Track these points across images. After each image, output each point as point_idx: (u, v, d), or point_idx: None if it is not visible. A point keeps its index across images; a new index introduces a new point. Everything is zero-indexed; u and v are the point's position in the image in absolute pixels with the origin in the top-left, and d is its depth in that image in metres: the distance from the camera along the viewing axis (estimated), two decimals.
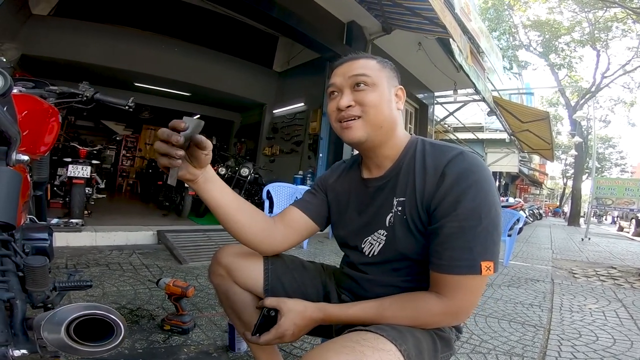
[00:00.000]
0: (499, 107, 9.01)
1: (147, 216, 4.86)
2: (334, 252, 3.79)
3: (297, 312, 0.81)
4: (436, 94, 8.92)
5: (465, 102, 10.34)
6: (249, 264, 0.96)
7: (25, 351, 0.57)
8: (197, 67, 6.69)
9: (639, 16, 10.88)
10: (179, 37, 6.42)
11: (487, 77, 8.34)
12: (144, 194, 7.59)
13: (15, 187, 0.73)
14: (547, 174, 31.19)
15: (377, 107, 0.80)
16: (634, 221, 12.55)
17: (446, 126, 12.10)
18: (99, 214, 4.21)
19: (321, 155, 5.89)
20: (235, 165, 5.70)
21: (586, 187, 20.09)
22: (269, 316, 0.83)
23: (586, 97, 15.82)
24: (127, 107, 1.61)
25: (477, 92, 7.29)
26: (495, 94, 9.27)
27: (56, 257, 2.43)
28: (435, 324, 0.76)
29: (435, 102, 9.09)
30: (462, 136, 13.50)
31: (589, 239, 8.50)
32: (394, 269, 0.84)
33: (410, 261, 0.81)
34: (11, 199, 0.72)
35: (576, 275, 3.76)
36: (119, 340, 0.54)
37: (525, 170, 20.77)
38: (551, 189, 42.58)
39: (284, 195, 3.93)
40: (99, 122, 10.07)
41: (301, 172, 6.26)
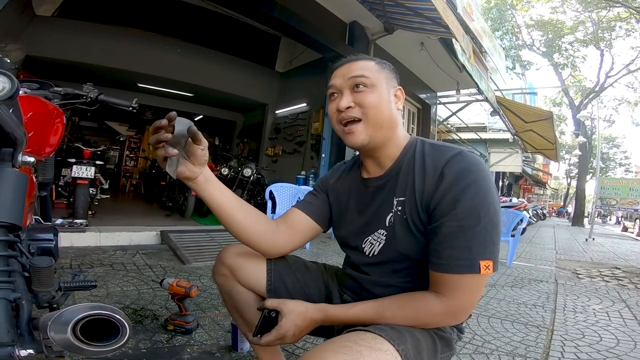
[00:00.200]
0: (502, 107, 8.98)
1: (150, 216, 4.88)
2: (336, 252, 3.79)
3: (298, 313, 0.81)
4: (439, 94, 8.89)
5: (468, 102, 10.29)
6: (252, 264, 0.97)
7: (31, 351, 0.58)
8: (200, 68, 6.71)
9: None
10: (181, 38, 6.45)
11: (490, 77, 8.31)
12: (148, 195, 7.62)
13: (21, 189, 0.74)
14: (550, 174, 31.03)
15: (376, 107, 0.81)
16: (638, 221, 12.48)
17: (449, 126, 12.06)
18: (102, 215, 4.23)
19: (324, 155, 5.89)
20: (237, 165, 5.71)
21: (590, 187, 19.91)
22: (270, 317, 0.84)
23: (590, 96, 15.72)
24: (130, 108, 1.62)
25: (480, 92, 7.27)
26: (498, 93, 9.24)
27: (61, 258, 2.44)
28: (435, 323, 0.76)
29: (437, 102, 9.06)
30: (465, 136, 13.44)
31: (593, 239, 8.45)
32: (394, 270, 0.85)
33: (410, 261, 0.82)
34: (17, 200, 0.73)
35: (580, 275, 3.74)
36: (124, 340, 0.55)
37: (528, 170, 20.69)
38: (555, 189, 42.35)
39: (286, 195, 3.94)
40: (102, 123, 10.12)
41: (304, 173, 6.26)
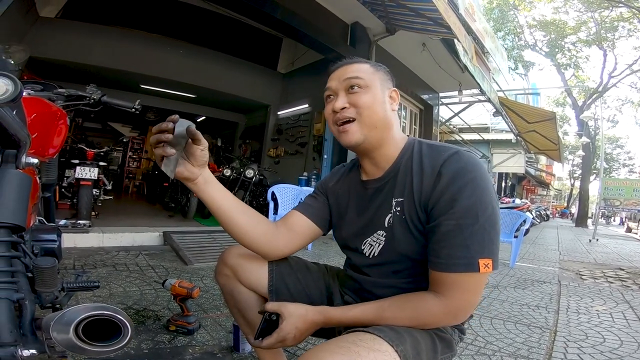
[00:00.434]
0: (504, 107, 8.95)
1: (153, 217, 4.90)
2: (338, 253, 3.78)
3: (298, 315, 0.81)
4: (441, 94, 8.88)
5: (470, 103, 10.27)
6: (254, 265, 0.97)
7: (34, 351, 0.58)
8: (202, 69, 6.73)
9: None
10: (184, 39, 6.47)
11: (493, 78, 8.29)
12: (150, 196, 7.64)
13: (25, 190, 0.75)
14: (554, 175, 30.88)
15: (370, 108, 0.83)
16: None
17: (451, 127, 12.03)
18: (106, 215, 4.25)
19: (325, 156, 5.90)
20: (240, 166, 5.72)
21: (594, 187, 19.89)
22: (270, 320, 0.84)
23: (593, 97, 15.67)
24: (133, 110, 1.62)
25: (482, 92, 7.24)
26: (500, 94, 9.21)
27: (64, 258, 2.46)
28: (434, 324, 0.76)
29: (440, 102, 9.05)
30: (467, 137, 13.41)
31: (597, 240, 8.41)
32: (395, 271, 0.85)
33: (410, 262, 0.82)
34: (21, 201, 0.73)
35: (583, 276, 3.72)
36: (126, 340, 0.55)
37: (532, 171, 20.60)
38: (558, 190, 42.16)
39: (288, 196, 3.95)
40: (106, 124, 10.18)
41: (306, 174, 6.26)
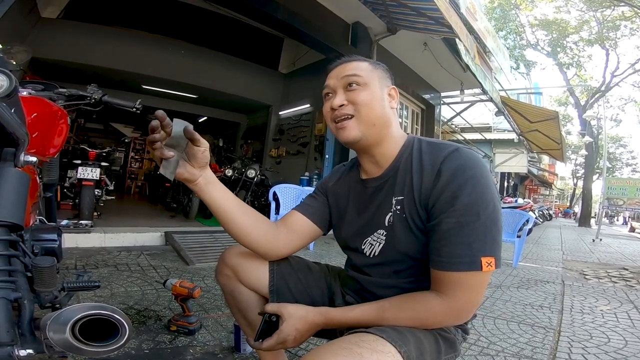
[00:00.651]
0: (506, 107, 8.92)
1: (154, 218, 4.91)
2: (340, 253, 3.75)
3: (299, 317, 0.81)
4: (443, 94, 8.86)
5: (472, 102, 10.25)
6: (255, 265, 0.96)
7: (31, 351, 0.57)
8: (204, 69, 6.74)
9: None
10: (185, 40, 6.48)
11: (495, 77, 8.26)
12: (152, 196, 7.66)
13: (23, 188, 0.74)
14: (556, 175, 30.78)
15: (368, 105, 0.82)
16: None
17: (453, 126, 12.01)
18: (107, 216, 4.26)
19: (327, 156, 5.89)
20: (241, 166, 5.72)
21: (597, 187, 19.78)
22: (270, 322, 0.83)
23: (596, 96, 15.60)
24: (134, 109, 1.62)
25: (484, 92, 7.22)
26: (502, 93, 9.18)
27: (66, 258, 2.46)
28: (436, 324, 0.75)
29: (441, 102, 9.03)
30: (469, 136, 13.39)
31: (600, 240, 8.36)
32: (396, 271, 0.84)
33: (411, 261, 0.81)
34: (19, 199, 0.72)
35: (587, 276, 3.70)
36: (123, 340, 0.54)
37: (534, 170, 20.53)
38: (561, 190, 42.03)
39: (290, 196, 3.94)
40: (108, 125, 10.21)
41: (307, 174, 6.26)
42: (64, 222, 3.14)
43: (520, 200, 10.79)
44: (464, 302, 0.72)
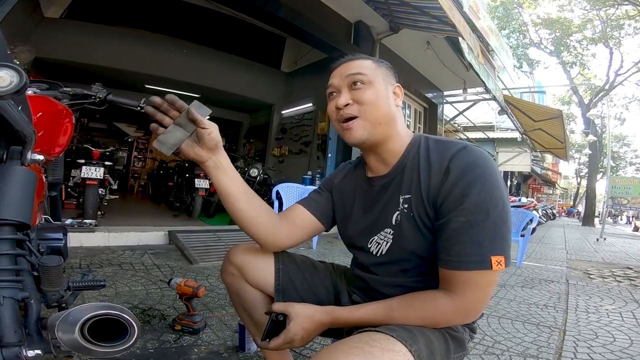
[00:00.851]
0: (510, 105, 8.89)
1: (158, 217, 4.91)
2: (343, 252, 3.77)
3: (306, 316, 0.80)
4: (445, 93, 8.83)
5: (475, 101, 10.21)
6: (260, 263, 0.96)
7: (39, 351, 0.57)
8: (206, 69, 6.75)
9: None
10: (188, 39, 6.49)
11: (498, 76, 8.23)
12: (155, 195, 7.67)
13: (30, 187, 0.74)
14: (560, 174, 30.64)
15: (374, 104, 0.81)
16: None
17: (456, 125, 11.98)
18: (111, 215, 4.27)
19: (330, 155, 5.88)
20: (244, 166, 5.73)
21: (601, 186, 19.73)
22: (277, 321, 0.83)
23: (600, 95, 15.51)
24: (138, 108, 1.61)
25: (487, 90, 7.20)
26: (506, 92, 9.14)
27: (70, 257, 2.46)
28: (445, 323, 0.74)
29: (444, 101, 9.00)
30: (472, 135, 13.35)
31: (604, 239, 8.32)
32: (403, 270, 0.83)
33: (419, 260, 0.80)
34: (26, 198, 0.72)
35: (591, 276, 3.68)
36: (132, 340, 0.54)
37: (537, 169, 20.45)
38: (565, 189, 41.81)
39: (293, 195, 3.93)
40: (111, 125, 10.21)
41: (310, 173, 6.26)
42: (69, 221, 3.12)
43: (523, 199, 10.74)
44: (473, 301, 0.72)
